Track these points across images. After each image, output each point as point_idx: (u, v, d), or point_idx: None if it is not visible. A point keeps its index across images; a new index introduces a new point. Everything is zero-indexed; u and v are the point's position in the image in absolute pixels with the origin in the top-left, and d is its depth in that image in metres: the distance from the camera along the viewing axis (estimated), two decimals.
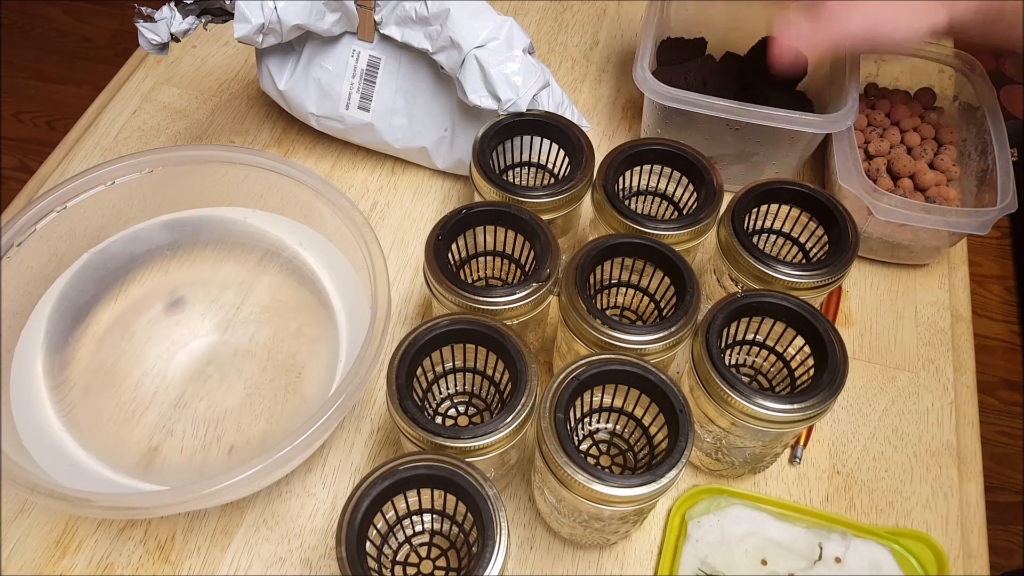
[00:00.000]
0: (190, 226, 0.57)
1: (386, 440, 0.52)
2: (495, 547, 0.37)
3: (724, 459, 0.49)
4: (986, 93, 0.63)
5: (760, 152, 0.62)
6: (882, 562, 0.47)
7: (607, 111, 0.71)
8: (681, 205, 0.54)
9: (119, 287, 0.55)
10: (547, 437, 0.39)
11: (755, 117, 0.57)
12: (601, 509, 0.40)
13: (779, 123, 0.57)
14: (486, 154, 0.52)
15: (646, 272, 0.49)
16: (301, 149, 0.66)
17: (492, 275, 0.53)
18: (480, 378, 0.47)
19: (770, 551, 0.47)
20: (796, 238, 0.53)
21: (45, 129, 1.58)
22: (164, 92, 0.70)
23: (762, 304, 0.46)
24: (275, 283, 0.56)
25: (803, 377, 0.46)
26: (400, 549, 0.43)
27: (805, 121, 0.57)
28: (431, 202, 0.64)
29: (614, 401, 0.45)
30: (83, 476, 0.46)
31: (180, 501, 0.40)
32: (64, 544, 0.47)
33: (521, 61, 0.55)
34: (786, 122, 0.57)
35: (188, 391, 0.51)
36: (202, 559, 0.47)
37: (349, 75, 0.60)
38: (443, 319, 0.44)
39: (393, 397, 0.41)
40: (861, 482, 0.52)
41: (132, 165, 0.53)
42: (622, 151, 0.53)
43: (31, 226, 0.50)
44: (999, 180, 0.57)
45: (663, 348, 0.44)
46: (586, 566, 0.48)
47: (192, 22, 0.52)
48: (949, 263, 0.62)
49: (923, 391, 0.56)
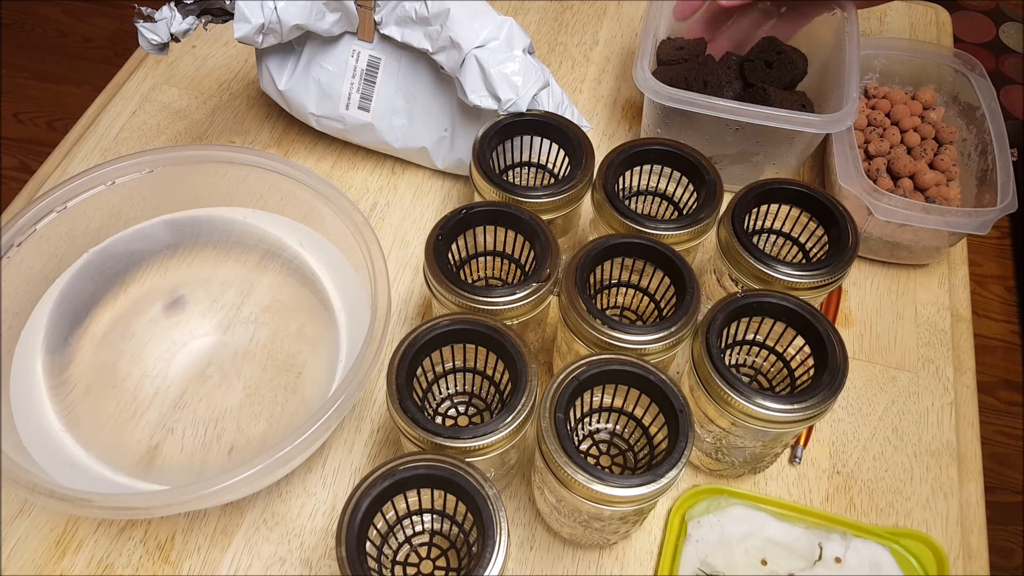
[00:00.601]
0: (190, 226, 0.57)
1: (386, 440, 0.52)
2: (495, 547, 0.37)
3: (724, 459, 0.49)
4: (986, 93, 0.63)
5: (760, 152, 0.62)
6: (882, 562, 0.47)
7: (607, 111, 0.71)
8: (681, 205, 0.54)
9: (119, 287, 0.55)
10: (547, 437, 0.39)
11: (755, 117, 0.57)
12: (601, 509, 0.40)
13: (779, 123, 0.57)
14: (486, 154, 0.52)
15: (646, 272, 0.49)
16: (301, 149, 0.66)
17: (492, 275, 0.53)
18: (480, 378, 0.47)
19: (770, 551, 0.47)
20: (796, 238, 0.53)
21: (45, 129, 1.58)
22: (164, 92, 0.70)
23: (762, 304, 0.46)
24: (275, 283, 0.56)
25: (803, 377, 0.46)
26: (400, 549, 0.43)
27: (805, 121, 0.57)
28: (431, 202, 0.64)
29: (614, 401, 0.45)
30: (83, 476, 0.46)
31: (180, 501, 0.40)
32: (64, 544, 0.47)
33: (521, 61, 0.55)
34: (786, 122, 0.57)
35: (188, 391, 0.51)
36: (202, 559, 0.47)
37: (349, 75, 0.60)
38: (443, 319, 0.44)
39: (393, 397, 0.41)
40: (861, 482, 0.52)
41: (132, 165, 0.53)
42: (622, 151, 0.53)
43: (31, 226, 0.50)
44: (999, 180, 0.57)
45: (663, 348, 0.44)
46: (586, 566, 0.48)
47: (192, 22, 0.52)
48: (949, 263, 0.62)
49: (923, 391, 0.56)
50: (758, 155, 0.62)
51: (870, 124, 0.64)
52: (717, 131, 0.60)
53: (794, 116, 0.56)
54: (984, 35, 1.68)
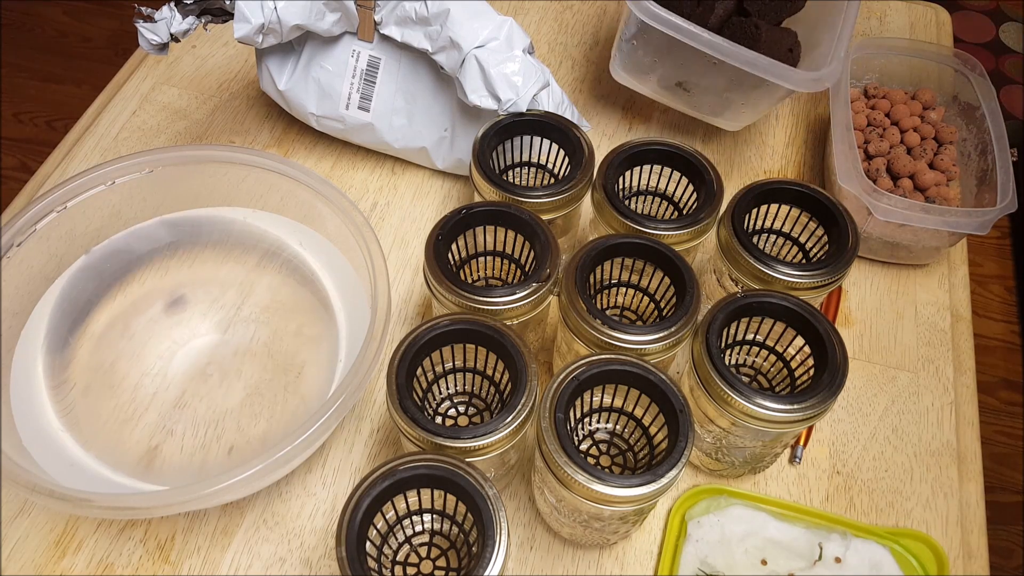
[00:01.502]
0: (190, 226, 0.57)
1: (386, 440, 0.52)
2: (495, 547, 0.37)
3: (724, 459, 0.49)
4: (986, 93, 0.63)
5: (734, 91, 0.59)
6: (882, 562, 0.47)
7: (607, 111, 0.71)
8: (681, 205, 0.54)
9: (119, 287, 0.55)
10: (547, 437, 0.39)
11: (735, 59, 0.54)
12: (601, 509, 0.40)
13: (758, 71, 0.54)
14: (486, 154, 0.52)
15: (646, 272, 0.49)
16: (301, 149, 0.66)
17: (492, 275, 0.53)
18: (480, 378, 0.47)
19: (770, 551, 0.47)
20: (796, 238, 0.53)
21: (45, 129, 1.58)
22: (164, 92, 0.70)
23: (762, 304, 0.46)
24: (275, 283, 0.56)
25: (803, 377, 0.46)
26: (400, 549, 0.43)
27: (782, 75, 0.54)
28: (431, 202, 0.64)
29: (614, 401, 0.45)
30: (83, 476, 0.46)
31: (180, 501, 0.40)
32: (64, 544, 0.47)
33: (521, 61, 0.55)
34: (765, 72, 0.54)
35: (188, 391, 0.51)
36: (202, 559, 0.47)
37: (349, 75, 0.60)
38: (443, 319, 0.44)
39: (393, 397, 0.41)
40: (861, 482, 0.52)
41: (132, 165, 0.53)
42: (622, 151, 0.53)
43: (31, 226, 0.50)
44: (999, 180, 0.57)
45: (663, 348, 0.44)
46: (586, 566, 0.48)
47: (192, 22, 0.52)
48: (949, 263, 0.62)
49: (923, 391, 0.56)
50: (731, 93, 0.60)
51: (870, 124, 0.64)
52: (694, 59, 0.57)
53: (773, 67, 0.53)
54: (984, 35, 1.68)
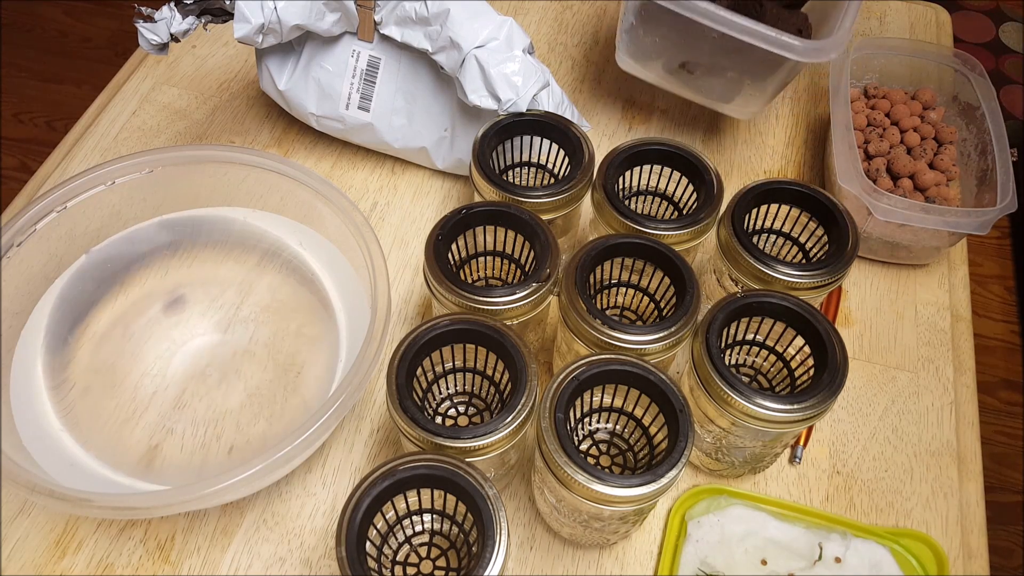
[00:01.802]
0: (190, 226, 0.57)
1: (386, 440, 0.52)
2: (495, 547, 0.37)
3: (724, 459, 0.49)
4: (986, 93, 0.63)
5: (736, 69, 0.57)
6: (882, 562, 0.47)
7: (607, 111, 0.71)
8: (681, 205, 0.54)
9: (119, 287, 0.55)
10: (547, 437, 0.39)
11: (733, 28, 0.51)
12: (601, 509, 0.40)
13: (755, 40, 0.51)
14: (486, 154, 0.52)
15: (646, 272, 0.49)
16: (301, 149, 0.66)
17: (492, 275, 0.53)
18: (480, 378, 0.47)
19: (770, 551, 0.47)
20: (796, 238, 0.53)
21: (45, 129, 1.58)
22: (164, 92, 0.70)
23: (762, 304, 0.46)
24: (275, 283, 0.56)
25: (803, 377, 0.46)
26: (400, 549, 0.43)
27: (782, 43, 0.51)
28: (431, 202, 0.64)
29: (614, 401, 0.45)
30: (83, 476, 0.46)
31: (180, 501, 0.40)
32: (64, 544, 0.47)
33: (521, 61, 0.55)
34: (763, 40, 0.51)
35: (188, 391, 0.51)
36: (202, 559, 0.47)
37: (349, 75, 0.60)
38: (443, 319, 0.44)
39: (393, 397, 0.41)
40: (861, 482, 0.52)
41: (132, 165, 0.53)
42: (622, 151, 0.53)
43: (31, 226, 0.50)
44: (999, 180, 0.57)
45: (663, 348, 0.44)
46: (586, 566, 0.48)
47: (192, 22, 0.52)
48: (949, 263, 0.62)
49: (923, 391, 0.56)
50: (733, 72, 0.58)
51: (870, 124, 0.64)
52: (695, 34, 0.55)
53: (773, 36, 0.51)
54: (984, 35, 1.68)
